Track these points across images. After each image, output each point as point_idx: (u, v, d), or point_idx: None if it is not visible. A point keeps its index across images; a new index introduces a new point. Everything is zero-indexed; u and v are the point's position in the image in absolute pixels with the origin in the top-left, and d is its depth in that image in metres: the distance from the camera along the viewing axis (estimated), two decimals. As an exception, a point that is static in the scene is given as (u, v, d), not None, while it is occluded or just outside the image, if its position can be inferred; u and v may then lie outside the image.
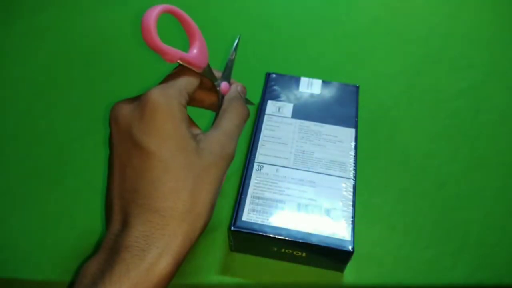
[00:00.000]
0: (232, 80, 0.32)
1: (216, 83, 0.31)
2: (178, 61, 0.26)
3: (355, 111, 0.39)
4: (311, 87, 0.40)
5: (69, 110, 0.47)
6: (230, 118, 0.29)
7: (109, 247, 0.23)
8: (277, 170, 0.34)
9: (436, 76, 0.50)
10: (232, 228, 0.31)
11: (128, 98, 0.27)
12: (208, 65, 0.30)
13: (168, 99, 0.25)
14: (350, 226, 0.31)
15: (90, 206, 0.39)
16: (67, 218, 0.38)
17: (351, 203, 0.32)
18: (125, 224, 0.24)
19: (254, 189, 0.33)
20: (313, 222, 0.31)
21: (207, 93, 0.32)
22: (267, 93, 0.40)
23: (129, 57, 0.53)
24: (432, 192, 0.31)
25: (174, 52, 0.26)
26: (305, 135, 0.37)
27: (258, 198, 0.32)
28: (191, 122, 0.31)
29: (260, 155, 0.35)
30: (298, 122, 0.38)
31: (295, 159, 0.35)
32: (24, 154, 0.43)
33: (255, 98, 0.41)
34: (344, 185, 0.33)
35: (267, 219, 0.31)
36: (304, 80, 0.41)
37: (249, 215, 0.31)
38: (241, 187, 0.33)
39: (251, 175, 0.34)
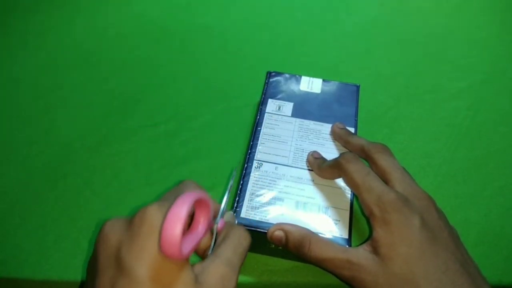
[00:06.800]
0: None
1: (215, 226, 0.26)
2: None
3: (355, 110, 0.39)
4: (311, 86, 0.41)
5: (69, 110, 0.47)
6: (232, 246, 0.25)
7: None
8: (276, 168, 0.34)
9: (435, 76, 0.50)
10: (231, 225, 0.31)
11: (123, 216, 0.23)
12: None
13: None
14: (348, 224, 0.31)
15: (90, 206, 0.39)
16: (67, 218, 0.38)
17: (349, 202, 0.32)
18: None
19: (253, 187, 0.33)
20: (311, 220, 0.31)
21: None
22: (268, 91, 0.40)
23: (129, 56, 0.53)
24: (431, 191, 0.31)
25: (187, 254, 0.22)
26: (305, 133, 0.37)
27: (257, 195, 0.32)
28: None
29: (260, 153, 0.35)
30: (298, 120, 0.38)
31: (294, 157, 0.35)
32: (24, 154, 0.43)
33: (256, 97, 0.41)
34: (342, 183, 0.33)
35: (266, 217, 0.31)
36: (304, 79, 0.41)
37: (247, 212, 0.31)
38: (240, 184, 0.33)
39: (250, 172, 0.34)
